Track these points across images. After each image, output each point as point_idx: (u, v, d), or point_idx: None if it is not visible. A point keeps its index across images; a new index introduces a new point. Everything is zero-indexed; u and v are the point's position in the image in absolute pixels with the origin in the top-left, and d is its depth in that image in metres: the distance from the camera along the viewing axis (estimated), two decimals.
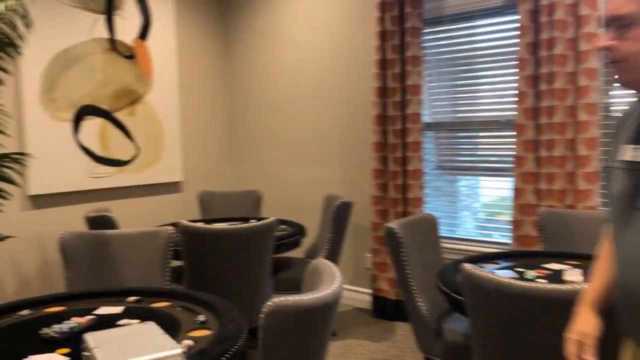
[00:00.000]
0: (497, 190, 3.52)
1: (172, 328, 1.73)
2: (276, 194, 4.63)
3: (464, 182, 3.71)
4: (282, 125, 4.54)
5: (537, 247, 3.09)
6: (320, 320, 1.47)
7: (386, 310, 3.79)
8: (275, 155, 4.61)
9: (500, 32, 3.42)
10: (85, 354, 1.42)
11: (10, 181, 2.59)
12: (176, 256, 2.87)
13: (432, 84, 3.79)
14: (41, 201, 3.60)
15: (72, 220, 3.76)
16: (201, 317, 1.81)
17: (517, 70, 3.13)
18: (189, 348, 1.55)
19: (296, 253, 4.49)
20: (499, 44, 3.42)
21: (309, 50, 4.30)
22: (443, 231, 3.77)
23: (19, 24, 2.59)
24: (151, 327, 1.58)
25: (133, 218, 4.15)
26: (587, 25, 2.89)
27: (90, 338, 1.48)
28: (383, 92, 3.77)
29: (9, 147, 3.42)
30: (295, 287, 3.25)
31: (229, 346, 1.53)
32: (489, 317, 1.59)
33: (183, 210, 4.51)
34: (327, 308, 1.46)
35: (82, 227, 3.80)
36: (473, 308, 1.65)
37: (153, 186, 4.30)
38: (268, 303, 1.37)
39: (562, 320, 1.44)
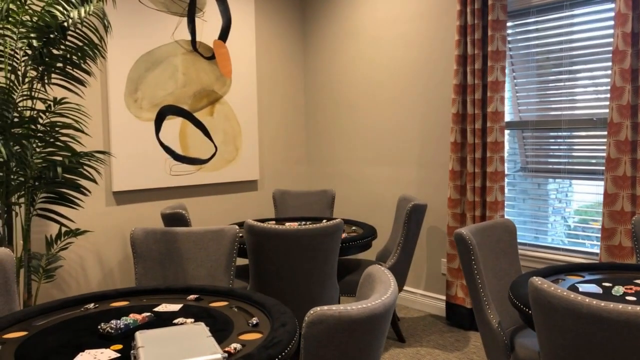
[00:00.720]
0: (591, 195, 3.22)
1: (225, 329, 1.72)
2: (350, 194, 4.56)
3: (554, 186, 3.44)
4: (357, 124, 4.46)
5: (631, 260, 2.78)
6: (368, 333, 1.38)
7: (461, 318, 3.60)
8: (350, 155, 4.54)
9: (595, 22, 3.12)
10: (133, 352, 1.44)
11: (90, 179, 2.72)
12: (243, 254, 2.88)
13: (518, 80, 3.54)
14: (124, 197, 3.78)
15: (152, 216, 3.92)
16: (254, 320, 1.78)
17: (612, 63, 2.84)
18: (235, 352, 1.52)
19: (367, 255, 4.39)
20: (593, 35, 3.12)
21: (385, 48, 4.19)
22: (528, 238, 3.51)
23: (100, 27, 2.71)
24: (199, 328, 1.57)
25: (210, 215, 4.26)
26: None
27: (140, 336, 1.49)
28: (462, 89, 3.58)
29: (95, 146, 3.62)
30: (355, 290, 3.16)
31: (276, 352, 1.48)
32: (557, 337, 1.42)
33: (258, 208, 4.57)
34: (375, 320, 1.37)
35: (160, 224, 3.95)
36: (541, 326, 1.48)
37: (230, 184, 4.39)
38: (310, 312, 1.31)
39: None
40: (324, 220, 3.56)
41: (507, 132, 3.59)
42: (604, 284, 2.04)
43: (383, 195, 4.29)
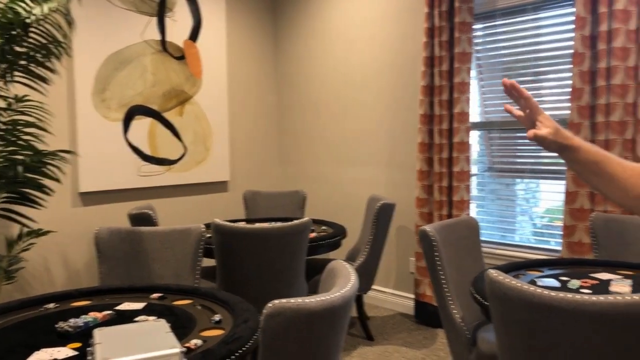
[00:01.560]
0: (557, 195, 3.30)
1: (187, 326, 1.71)
2: (321, 194, 4.57)
3: (521, 186, 3.51)
4: (328, 125, 4.48)
5: (589, 255, 2.86)
6: (327, 325, 1.39)
7: (429, 316, 3.65)
8: (321, 156, 4.56)
9: (557, 25, 3.20)
10: (90, 349, 1.42)
11: (54, 178, 2.68)
12: (211, 254, 2.87)
13: (485, 81, 3.61)
14: (91, 198, 3.73)
15: (120, 217, 3.87)
16: (217, 317, 1.78)
17: (572, 65, 2.92)
18: (196, 347, 1.52)
19: (337, 255, 4.42)
20: (556, 37, 3.20)
21: (355, 49, 4.23)
22: (496, 237, 3.58)
23: (63, 24, 2.67)
24: (159, 325, 1.56)
25: (179, 217, 4.23)
26: None
27: (98, 333, 1.48)
28: (430, 90, 3.63)
29: (60, 145, 3.56)
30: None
31: (235, 347, 1.48)
32: (512, 327, 1.46)
33: (229, 209, 4.55)
34: (334, 312, 1.39)
35: (128, 224, 3.90)
36: (497, 317, 1.52)
37: (200, 185, 4.36)
38: (268, 305, 1.31)
39: (595, 336, 1.29)
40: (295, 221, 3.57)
41: (476, 133, 3.66)
42: (561, 278, 2.09)
43: (353, 195, 4.31)
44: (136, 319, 1.79)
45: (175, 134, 4.16)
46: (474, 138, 3.66)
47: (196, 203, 4.34)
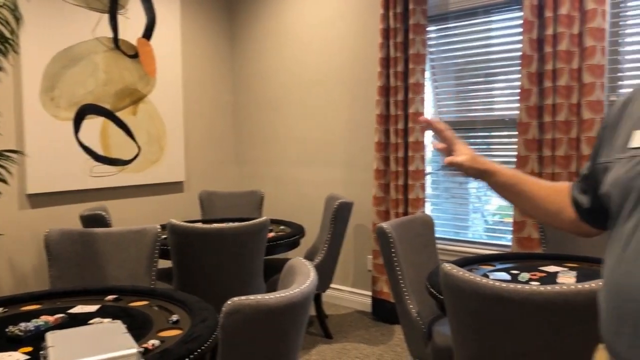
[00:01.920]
0: None
1: (143, 327, 1.68)
2: (279, 194, 4.57)
3: (474, 184, 3.61)
4: (285, 125, 4.49)
5: (538, 250, 2.97)
6: (286, 322, 1.40)
7: (386, 313, 3.70)
8: (278, 155, 4.56)
9: (507, 28, 3.32)
10: (42, 352, 1.38)
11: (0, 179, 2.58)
12: (167, 256, 2.83)
13: (438, 82, 3.70)
14: (40, 200, 3.60)
15: (71, 219, 3.76)
16: (175, 317, 1.76)
17: (520, 67, 3.03)
18: (154, 348, 1.50)
19: (296, 254, 4.42)
20: (506, 40, 3.32)
21: (313, 49, 4.25)
22: (450, 234, 3.67)
23: (11, 20, 2.58)
24: (115, 326, 1.53)
25: (134, 218, 4.14)
26: (592, 21, 2.78)
27: (51, 337, 1.44)
28: (386, 90, 3.69)
29: (6, 145, 3.43)
30: None
31: (194, 347, 1.47)
32: (466, 318, 1.50)
33: (185, 210, 4.49)
34: (294, 308, 1.40)
35: (80, 227, 3.79)
36: (451, 309, 1.57)
37: (155, 186, 4.28)
38: (227, 302, 1.31)
39: (543, 323, 1.35)
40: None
41: (431, 133, 3.74)
42: (512, 271, 2.17)
43: (311, 195, 4.33)
44: (90, 321, 1.74)
45: (129, 133, 4.07)
46: (429, 138, 3.75)
47: (151, 204, 4.26)
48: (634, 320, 0.89)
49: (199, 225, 2.60)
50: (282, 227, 3.60)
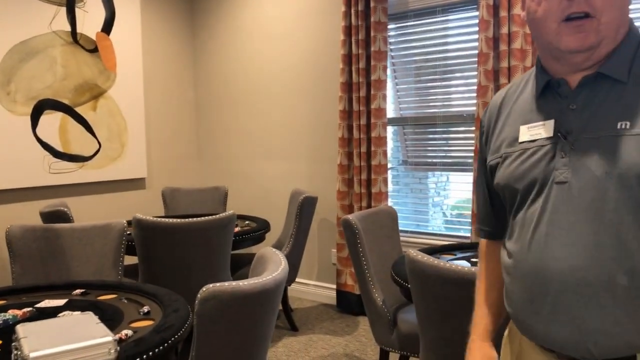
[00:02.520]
0: (466, 186, 3.53)
1: (114, 319, 1.69)
2: (243, 190, 4.58)
3: (433, 179, 3.72)
4: (249, 120, 4.50)
5: None
6: (259, 307, 1.44)
7: (350, 305, 3.78)
8: (242, 151, 4.57)
9: (464, 27, 3.43)
10: (14, 344, 1.38)
11: None
12: (132, 252, 2.81)
13: (399, 79, 3.79)
14: None
15: (30, 217, 3.67)
16: (146, 308, 1.77)
17: (477, 65, 3.15)
18: (127, 338, 1.51)
19: (261, 248, 4.45)
20: (463, 38, 3.43)
21: (276, 45, 4.27)
22: (411, 227, 3.77)
23: None
24: (87, 317, 1.54)
25: (95, 215, 4.07)
26: None
27: (22, 329, 1.43)
28: (348, 87, 3.76)
29: None
30: None
31: (168, 336, 1.49)
32: (430, 302, 1.58)
33: (147, 207, 4.44)
34: (267, 294, 1.44)
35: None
36: (417, 294, 1.64)
37: (116, 182, 4.22)
38: (202, 289, 1.34)
39: None
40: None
41: (391, 128, 3.83)
42: (472, 259, 2.27)
43: (275, 190, 4.37)
44: (60, 314, 1.74)
45: (89, 129, 4.00)
46: (390, 133, 3.84)
47: (113, 201, 4.20)
48: (552, 299, 0.95)
49: (166, 219, 2.60)
50: (247, 222, 3.62)
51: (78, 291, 2.00)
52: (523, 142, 1.04)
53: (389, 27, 3.74)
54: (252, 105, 4.46)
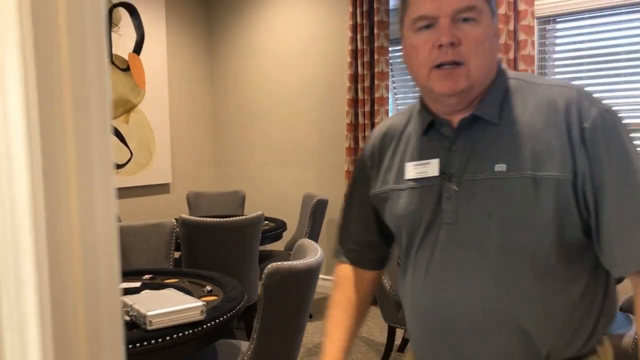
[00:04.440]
0: None
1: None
2: (258, 194, 5.06)
3: None
4: (262, 131, 4.99)
5: None
6: (306, 281, 1.93)
7: None
8: (255, 159, 5.05)
9: None
10: (126, 309, 1.85)
11: None
12: (176, 248, 3.28)
13: (398, 96, 4.30)
14: None
15: None
16: (208, 287, 2.25)
17: None
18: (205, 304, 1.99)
19: (276, 246, 4.93)
20: None
21: (288, 64, 4.77)
22: None
23: None
24: (172, 291, 2.02)
25: (127, 217, 4.54)
26: (527, 39, 3.43)
27: (127, 299, 1.90)
28: (354, 102, 4.25)
29: None
30: None
31: (235, 304, 1.97)
32: None
33: (173, 209, 4.91)
34: (312, 272, 1.92)
35: None
36: None
37: (145, 187, 4.69)
38: (268, 266, 1.83)
39: None
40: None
41: None
42: None
43: (287, 194, 4.85)
44: (142, 292, 2.21)
45: (122, 140, 4.48)
46: None
47: (142, 204, 4.67)
48: (453, 340, 0.98)
49: (206, 219, 3.07)
50: (265, 222, 4.10)
51: (147, 276, 2.47)
52: (409, 179, 1.05)
53: (390, 50, 4.25)
54: (265, 118, 4.95)
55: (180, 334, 1.69)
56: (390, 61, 4.26)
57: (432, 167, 1.01)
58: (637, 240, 0.90)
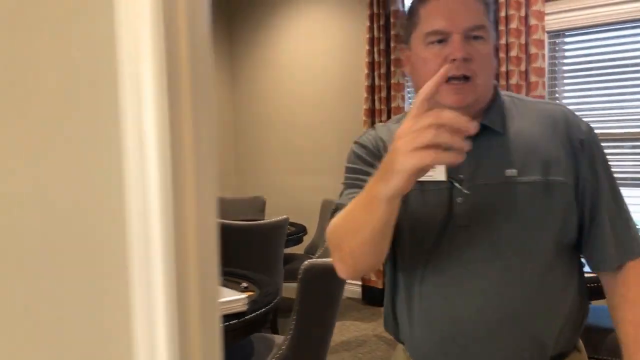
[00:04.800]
0: None
1: None
2: (277, 200, 5.25)
3: None
4: (282, 139, 5.19)
5: None
6: (338, 279, 2.11)
7: (374, 298, 4.43)
8: (275, 166, 5.25)
9: None
10: None
11: None
12: None
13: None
14: None
15: None
16: (244, 284, 2.43)
17: None
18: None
19: (298, 249, 5.11)
20: None
21: (306, 75, 4.97)
22: None
23: None
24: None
25: None
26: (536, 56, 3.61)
27: None
28: (371, 112, 4.44)
29: None
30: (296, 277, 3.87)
31: (272, 298, 2.16)
32: None
33: None
34: None
35: None
36: None
37: None
38: (304, 263, 2.01)
39: None
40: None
41: None
42: None
43: (306, 199, 5.04)
44: None
45: None
46: None
47: None
48: (463, 340, 1.01)
49: (237, 222, 3.26)
50: (287, 226, 4.28)
51: None
52: (421, 180, 0.99)
53: None
54: (284, 126, 5.16)
55: (227, 323, 1.88)
56: (407, 73, 4.44)
57: (438, 172, 1.03)
58: (625, 237, 1.05)
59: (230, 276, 2.62)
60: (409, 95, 4.47)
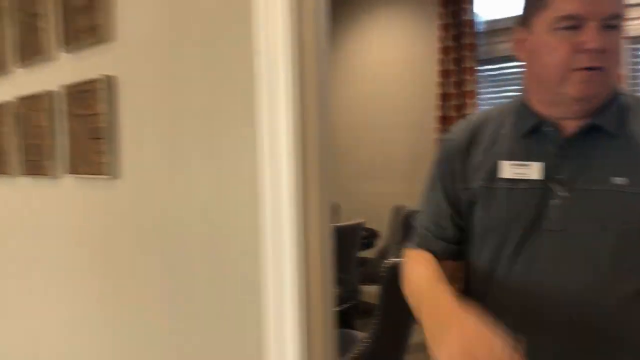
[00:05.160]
0: None
1: None
2: (348, 204, 5.41)
3: None
4: (354, 146, 5.35)
5: None
6: None
7: None
8: (348, 172, 5.42)
9: None
10: None
11: None
12: None
13: None
14: None
15: None
16: None
17: None
18: None
19: (368, 253, 5.24)
20: None
21: (380, 84, 5.12)
22: None
23: None
24: None
25: None
26: None
27: None
28: (444, 120, 4.52)
29: None
30: (371, 279, 3.99)
31: (355, 294, 2.31)
32: None
33: None
34: None
35: None
36: None
37: None
38: (385, 261, 2.16)
39: None
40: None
41: None
42: None
43: (377, 205, 5.15)
44: None
45: None
46: None
47: None
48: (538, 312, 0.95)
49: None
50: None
51: None
52: (503, 178, 1.00)
53: (479, 68, 4.48)
54: (360, 135, 5.32)
55: None
56: (479, 80, 4.50)
57: (533, 170, 0.96)
58: None
59: None
60: (481, 102, 4.51)
